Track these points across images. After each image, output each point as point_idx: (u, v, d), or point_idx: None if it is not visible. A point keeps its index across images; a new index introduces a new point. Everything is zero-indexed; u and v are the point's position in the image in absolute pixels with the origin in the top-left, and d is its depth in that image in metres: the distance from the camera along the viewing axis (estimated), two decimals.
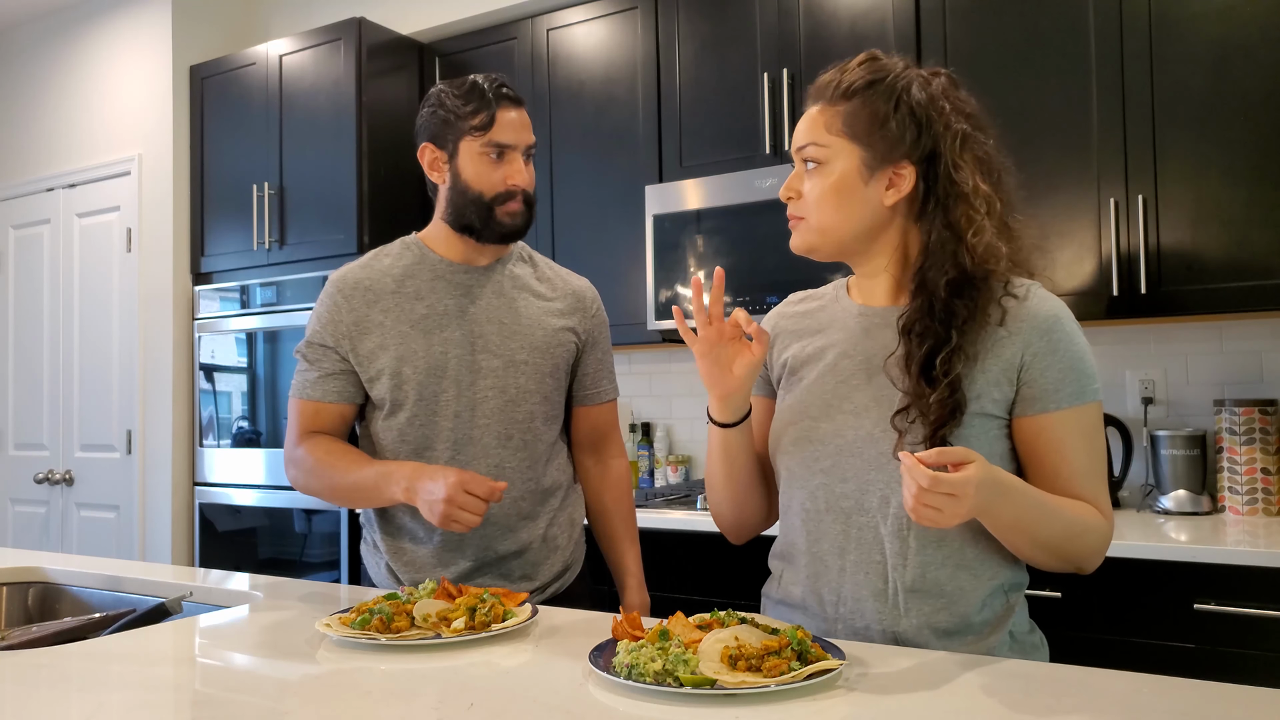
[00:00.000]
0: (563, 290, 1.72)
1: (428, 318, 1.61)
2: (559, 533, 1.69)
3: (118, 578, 1.81)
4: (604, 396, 1.77)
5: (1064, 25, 2.46)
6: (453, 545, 1.61)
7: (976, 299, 1.19)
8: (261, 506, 3.53)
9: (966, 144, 1.23)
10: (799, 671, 0.99)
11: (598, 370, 1.75)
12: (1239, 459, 2.38)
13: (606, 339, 1.78)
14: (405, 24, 3.60)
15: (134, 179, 3.89)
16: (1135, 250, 2.35)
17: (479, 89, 1.60)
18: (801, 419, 1.27)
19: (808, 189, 1.24)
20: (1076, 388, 1.19)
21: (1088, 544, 1.18)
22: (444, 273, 1.65)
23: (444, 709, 0.98)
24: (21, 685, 1.11)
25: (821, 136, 1.23)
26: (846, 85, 1.23)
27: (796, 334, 1.36)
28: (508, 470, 1.62)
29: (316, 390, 1.63)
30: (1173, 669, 1.84)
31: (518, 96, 1.62)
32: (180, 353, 3.78)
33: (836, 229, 1.24)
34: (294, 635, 1.30)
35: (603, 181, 3.15)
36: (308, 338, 1.65)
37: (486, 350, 1.61)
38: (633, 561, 1.77)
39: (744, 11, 2.92)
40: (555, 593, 1.67)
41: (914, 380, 1.18)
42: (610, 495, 1.79)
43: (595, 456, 1.80)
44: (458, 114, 1.59)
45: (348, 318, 1.61)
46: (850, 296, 1.34)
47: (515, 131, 1.60)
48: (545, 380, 1.65)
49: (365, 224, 3.35)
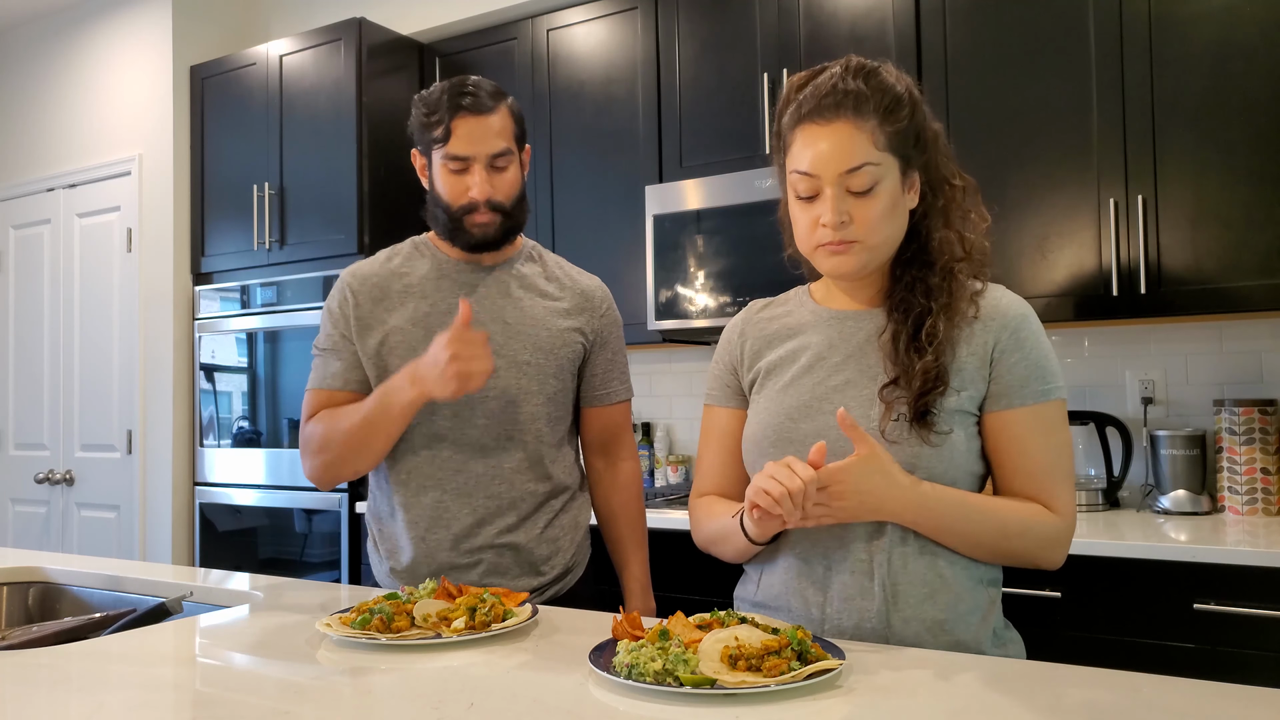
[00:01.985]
0: (571, 289, 1.70)
1: (430, 316, 1.61)
2: (560, 534, 1.67)
3: (118, 578, 1.81)
4: (614, 397, 1.73)
5: (1064, 25, 2.46)
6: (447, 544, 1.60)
7: (955, 287, 1.23)
8: (261, 506, 3.53)
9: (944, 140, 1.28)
10: (799, 671, 0.99)
11: (607, 370, 1.72)
12: (1239, 459, 2.38)
13: (618, 339, 1.75)
14: (405, 24, 3.60)
15: (134, 179, 3.89)
16: (1135, 250, 2.35)
17: (438, 99, 1.56)
18: (781, 420, 1.28)
19: (863, 212, 1.20)
20: (1040, 386, 1.22)
21: (1030, 542, 1.21)
22: (450, 272, 1.65)
23: (444, 709, 0.98)
24: (21, 685, 1.11)
25: (873, 155, 1.19)
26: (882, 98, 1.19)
27: (767, 340, 1.36)
28: (507, 470, 1.61)
29: (328, 380, 1.64)
30: (1173, 669, 1.84)
31: (481, 103, 1.55)
32: (180, 353, 3.78)
33: (889, 245, 1.24)
34: (294, 635, 1.30)
35: (603, 181, 3.15)
36: (321, 331, 1.67)
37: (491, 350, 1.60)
38: (638, 566, 1.75)
39: (744, 12, 2.92)
40: (557, 594, 1.66)
41: (902, 352, 1.21)
42: (619, 498, 1.76)
43: (605, 458, 1.78)
44: (423, 124, 1.59)
45: (354, 312, 1.62)
46: (815, 301, 1.35)
47: (472, 143, 1.55)
48: (549, 381, 1.64)
49: (365, 224, 3.35)
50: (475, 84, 1.58)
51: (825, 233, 1.20)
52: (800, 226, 1.25)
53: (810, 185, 1.21)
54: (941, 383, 1.19)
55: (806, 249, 1.26)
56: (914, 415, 1.18)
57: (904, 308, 1.23)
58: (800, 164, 1.21)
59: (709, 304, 2.85)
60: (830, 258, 1.22)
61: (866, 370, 1.25)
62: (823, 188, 1.20)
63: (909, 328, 1.21)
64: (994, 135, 2.51)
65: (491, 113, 1.57)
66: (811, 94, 1.21)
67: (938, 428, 1.18)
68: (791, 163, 1.23)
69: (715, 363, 1.42)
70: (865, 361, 1.26)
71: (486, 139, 1.56)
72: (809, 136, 1.20)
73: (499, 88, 1.62)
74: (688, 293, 2.89)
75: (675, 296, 2.91)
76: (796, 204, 1.24)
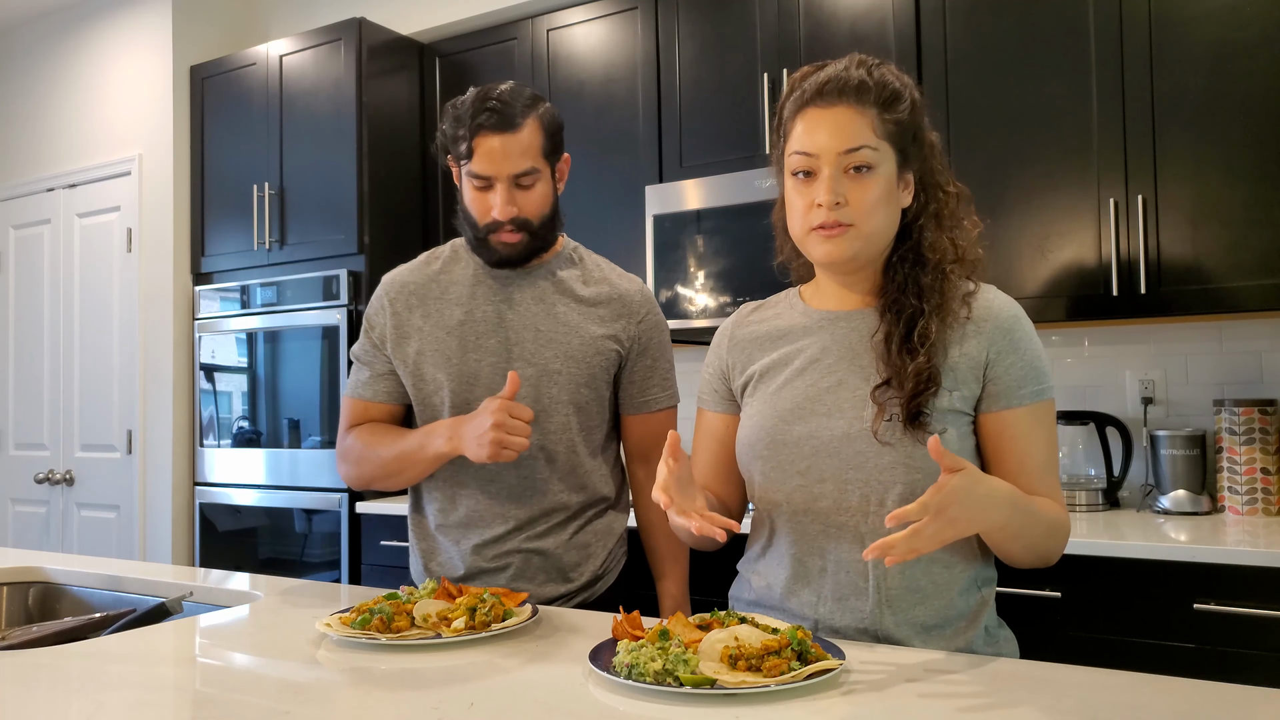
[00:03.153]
0: (608, 295, 1.63)
1: (464, 324, 1.60)
2: (591, 540, 1.64)
3: (118, 578, 1.81)
4: (656, 405, 1.66)
5: (1064, 25, 2.46)
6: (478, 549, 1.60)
7: (948, 288, 1.24)
8: (262, 506, 3.53)
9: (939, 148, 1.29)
10: (799, 671, 0.99)
11: (647, 377, 1.65)
12: (1239, 459, 2.38)
13: (660, 344, 1.67)
14: (405, 24, 3.60)
15: (134, 179, 3.89)
16: (1135, 250, 2.35)
17: (462, 115, 1.52)
18: (774, 422, 1.28)
19: (858, 195, 1.20)
20: (1035, 386, 1.23)
21: (1059, 539, 1.24)
22: (485, 278, 1.63)
23: (444, 709, 0.98)
24: (21, 685, 1.11)
25: (872, 139, 1.20)
26: (883, 91, 1.21)
27: (758, 343, 1.36)
28: (538, 482, 1.59)
29: (367, 390, 1.64)
30: (1173, 669, 1.84)
31: (505, 121, 1.49)
32: (180, 353, 3.78)
33: (882, 236, 1.24)
34: (294, 635, 1.30)
35: (603, 181, 3.15)
36: (360, 338, 1.67)
37: (522, 358, 1.58)
38: (673, 583, 1.70)
39: (744, 12, 2.92)
40: (586, 600, 1.63)
41: (894, 354, 1.21)
42: (658, 511, 1.67)
43: (647, 467, 1.70)
44: (451, 137, 1.55)
45: (390, 320, 1.62)
46: (806, 302, 1.35)
47: (494, 163, 1.50)
48: (580, 390, 1.59)
49: (365, 224, 3.35)
50: (502, 97, 1.51)
51: (820, 213, 1.21)
52: (795, 211, 1.25)
53: (808, 163, 1.22)
54: (934, 383, 1.19)
55: (800, 234, 1.25)
56: (907, 416, 1.19)
57: (896, 308, 1.24)
58: (800, 144, 1.23)
59: (709, 304, 2.85)
60: (824, 243, 1.22)
61: (859, 371, 1.25)
62: (820, 167, 1.21)
63: (901, 329, 1.22)
64: (994, 135, 2.51)
65: (517, 130, 1.50)
66: (814, 83, 1.23)
67: (930, 428, 1.19)
68: (791, 145, 1.25)
69: (706, 366, 1.43)
70: (857, 363, 1.26)
71: (509, 159, 1.50)
72: (810, 120, 1.22)
73: (534, 96, 1.56)
74: (688, 293, 2.89)
75: (675, 296, 2.91)
76: (793, 187, 1.25)
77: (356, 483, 1.65)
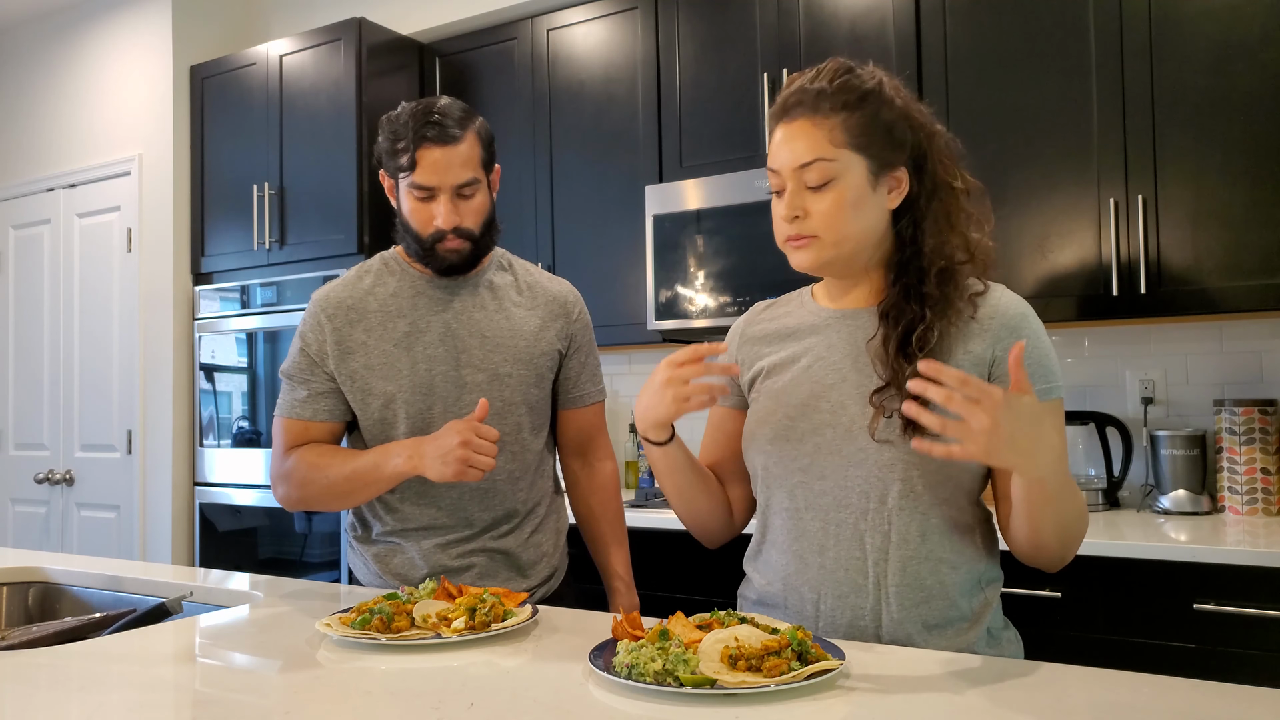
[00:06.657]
0: (543, 298, 1.70)
1: (410, 335, 1.61)
2: (545, 539, 1.70)
3: (118, 578, 1.81)
4: (589, 399, 1.75)
5: (1064, 25, 2.46)
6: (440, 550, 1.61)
7: (951, 289, 1.23)
8: (261, 506, 3.53)
9: (946, 144, 1.28)
10: (799, 671, 0.99)
11: (580, 373, 1.73)
12: (1239, 459, 2.38)
13: (590, 341, 1.76)
14: (405, 24, 3.60)
15: (134, 179, 3.89)
16: (1135, 250, 2.35)
17: (404, 126, 1.54)
18: (778, 418, 1.29)
19: (819, 206, 1.22)
20: (1044, 385, 1.22)
21: (1083, 530, 1.22)
22: (424, 289, 1.64)
23: (444, 709, 0.98)
24: (21, 685, 1.11)
25: (828, 150, 1.21)
26: (844, 96, 1.22)
27: (768, 341, 1.37)
28: (497, 482, 1.62)
29: (306, 409, 1.62)
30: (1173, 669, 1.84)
31: (446, 133, 1.53)
32: (180, 353, 3.78)
33: (853, 241, 1.24)
34: (294, 635, 1.30)
35: (603, 182, 3.15)
36: (293, 357, 1.64)
37: (470, 365, 1.61)
38: (620, 564, 1.76)
39: (744, 12, 2.91)
40: (543, 596, 1.68)
41: (892, 358, 1.21)
42: (598, 499, 1.78)
43: (582, 460, 1.79)
44: (389, 150, 1.57)
45: (331, 337, 1.61)
46: (817, 301, 1.36)
47: (438, 173, 1.53)
48: (530, 390, 1.65)
49: (365, 224, 3.35)
50: (442, 110, 1.55)
51: (784, 227, 1.25)
52: (774, 222, 1.29)
53: (776, 181, 1.26)
54: None
55: (779, 243, 1.29)
56: (906, 419, 1.18)
57: (895, 314, 1.24)
58: (769, 161, 1.27)
59: (709, 304, 2.85)
60: (794, 253, 1.26)
61: (864, 368, 1.26)
62: (784, 183, 1.24)
63: (899, 334, 1.22)
64: (994, 135, 2.51)
65: (458, 142, 1.54)
66: (781, 97, 1.27)
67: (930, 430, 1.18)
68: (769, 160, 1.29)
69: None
70: (863, 360, 1.26)
71: (452, 169, 1.54)
72: (777, 136, 1.26)
73: (468, 110, 1.60)
74: (688, 293, 2.89)
75: (675, 296, 2.91)
76: (774, 200, 1.29)
77: (297, 505, 1.62)
